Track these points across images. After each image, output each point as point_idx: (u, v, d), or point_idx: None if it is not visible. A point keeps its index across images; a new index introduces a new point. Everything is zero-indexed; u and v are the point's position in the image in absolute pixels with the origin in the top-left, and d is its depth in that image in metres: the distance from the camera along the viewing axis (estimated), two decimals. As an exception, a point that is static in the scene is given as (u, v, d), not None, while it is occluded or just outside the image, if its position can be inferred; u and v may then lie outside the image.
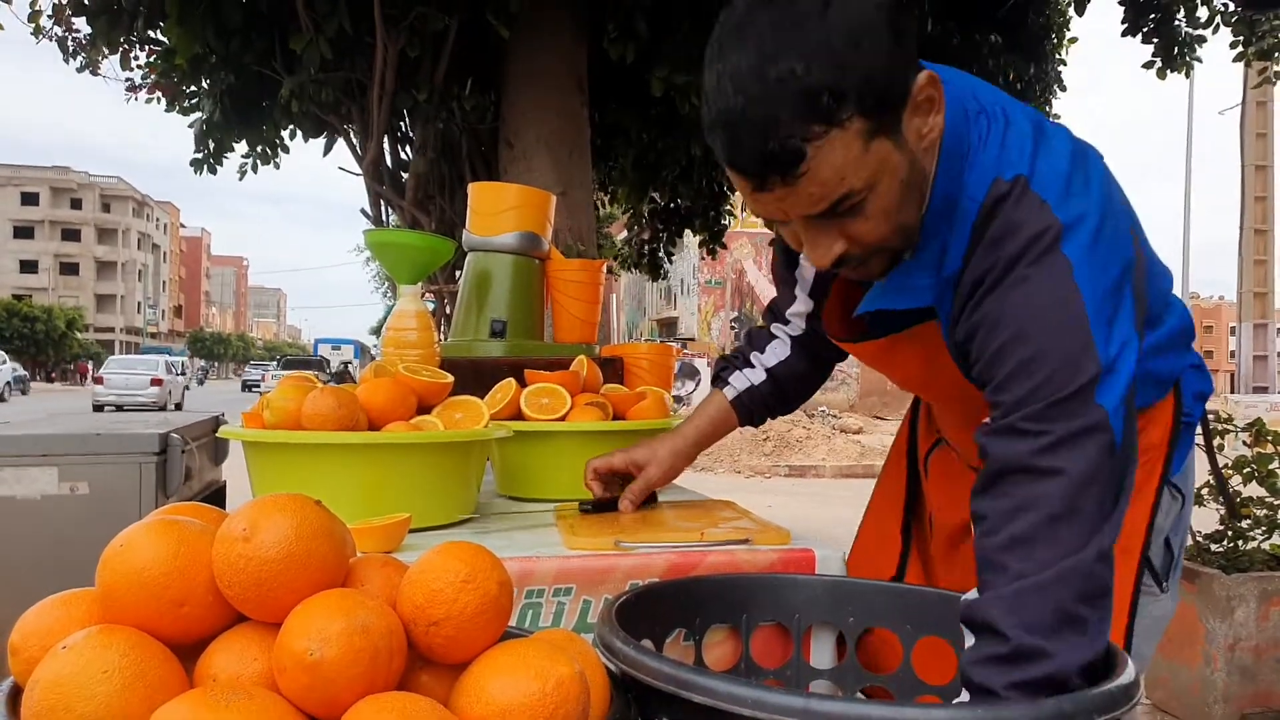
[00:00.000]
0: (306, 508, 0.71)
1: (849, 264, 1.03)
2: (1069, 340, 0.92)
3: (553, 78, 3.99)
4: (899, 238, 1.02)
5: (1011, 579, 0.88)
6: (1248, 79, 15.78)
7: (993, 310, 0.98)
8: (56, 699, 0.60)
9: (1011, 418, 0.93)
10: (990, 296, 0.98)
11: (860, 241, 1.00)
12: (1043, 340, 0.93)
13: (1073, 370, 0.91)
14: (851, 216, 0.97)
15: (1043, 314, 0.94)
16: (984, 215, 1.00)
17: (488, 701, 0.67)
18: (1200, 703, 3.01)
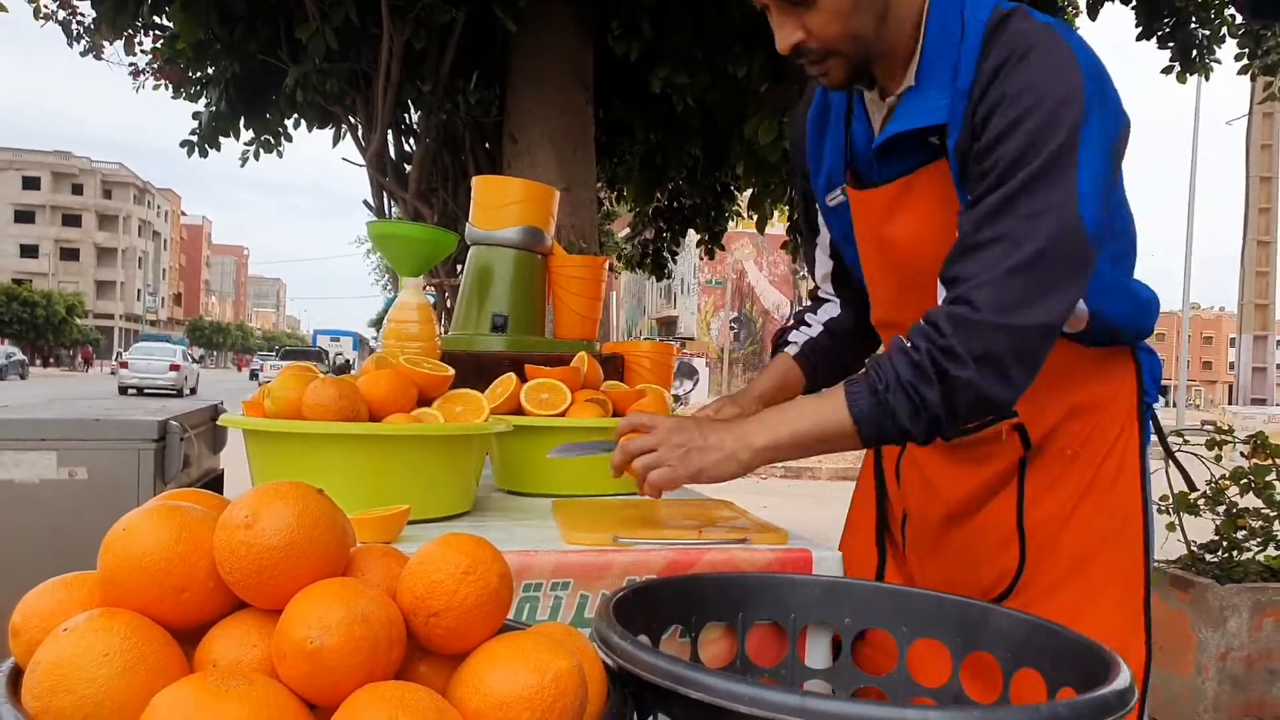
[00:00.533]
0: (308, 496, 0.71)
1: (807, 58, 1.15)
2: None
3: (558, 73, 4.00)
4: (851, 44, 1.13)
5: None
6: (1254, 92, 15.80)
7: (1008, 87, 1.06)
8: (57, 680, 0.61)
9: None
10: (1002, 77, 1.07)
11: (815, 35, 1.12)
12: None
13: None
14: (806, 7, 1.10)
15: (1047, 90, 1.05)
16: (991, 28, 1.10)
17: (486, 693, 0.67)
18: (1190, 711, 3.02)
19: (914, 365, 1.06)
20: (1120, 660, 0.87)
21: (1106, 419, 1.27)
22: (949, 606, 1.11)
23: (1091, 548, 1.25)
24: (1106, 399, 1.28)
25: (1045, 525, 1.28)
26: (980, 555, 1.33)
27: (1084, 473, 1.27)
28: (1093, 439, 1.27)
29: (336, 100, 4.06)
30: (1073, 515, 1.26)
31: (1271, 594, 3.01)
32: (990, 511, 1.32)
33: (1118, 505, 1.26)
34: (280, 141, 4.73)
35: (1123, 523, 1.25)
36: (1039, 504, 1.28)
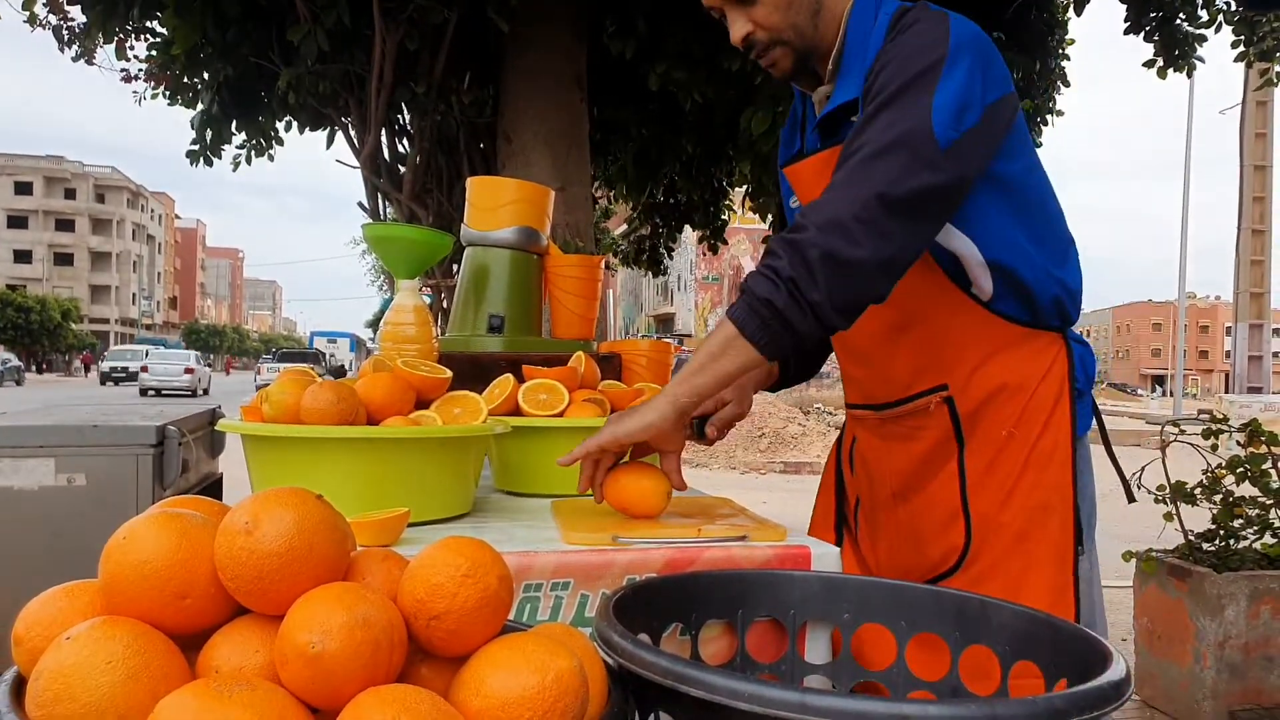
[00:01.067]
0: (308, 501, 0.72)
1: (757, 48, 1.33)
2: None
3: (552, 73, 3.99)
4: (793, 34, 1.31)
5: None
6: (1248, 79, 15.80)
7: (889, 51, 1.22)
8: (61, 688, 0.61)
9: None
10: (887, 45, 1.23)
11: (761, 25, 1.30)
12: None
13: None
14: (750, 4, 1.29)
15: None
16: (896, 18, 1.27)
17: (488, 695, 0.68)
18: (1189, 699, 3.03)
19: (767, 253, 1.18)
20: (1115, 651, 0.87)
21: (1036, 401, 1.34)
22: (947, 600, 1.12)
23: (1027, 526, 1.32)
24: (1035, 380, 1.34)
25: (987, 505, 1.34)
26: (927, 534, 1.40)
27: (1019, 453, 1.33)
28: (1025, 420, 1.33)
29: (329, 102, 4.06)
30: (1011, 494, 1.33)
31: (1268, 582, 3.02)
32: (933, 491, 1.39)
33: (1052, 485, 1.32)
34: (272, 144, 4.72)
35: (1057, 501, 1.32)
36: (981, 485, 1.35)
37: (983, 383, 1.34)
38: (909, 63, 1.18)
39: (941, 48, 1.18)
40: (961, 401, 1.35)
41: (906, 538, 1.44)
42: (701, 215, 6.22)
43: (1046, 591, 1.30)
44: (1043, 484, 1.33)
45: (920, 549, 1.42)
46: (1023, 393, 1.34)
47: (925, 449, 1.39)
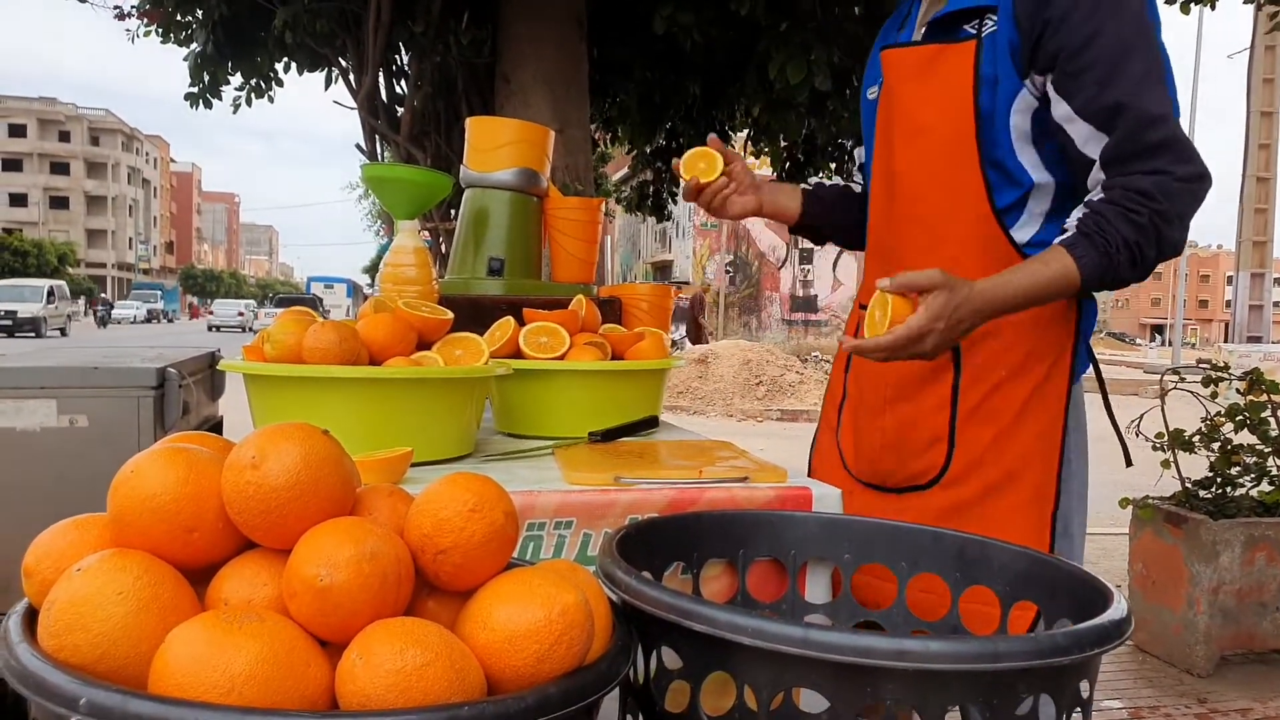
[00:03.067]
0: (314, 437, 0.71)
1: None
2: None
3: (551, 12, 3.91)
4: None
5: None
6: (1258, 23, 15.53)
7: (1083, 22, 1.25)
8: (74, 618, 0.61)
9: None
10: (1077, 10, 1.26)
11: None
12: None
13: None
14: None
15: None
16: None
17: (494, 628, 0.68)
18: (1182, 644, 3.08)
19: (1138, 228, 1.23)
20: (1115, 591, 0.88)
21: (1041, 347, 1.39)
22: (947, 541, 1.13)
23: (1017, 468, 1.38)
24: (1042, 326, 1.38)
25: (976, 439, 1.40)
26: (910, 448, 1.46)
27: (1015, 397, 1.39)
28: (1026, 365, 1.38)
29: (326, 42, 3.99)
30: (1004, 435, 1.39)
31: (1264, 529, 3.05)
32: (924, 409, 1.44)
33: (1044, 432, 1.38)
34: (271, 86, 4.64)
35: (1047, 450, 1.38)
36: (971, 418, 1.41)
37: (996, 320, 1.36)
38: (1130, 14, 1.26)
39: (1137, 4, 1.27)
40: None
41: (889, 445, 1.48)
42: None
43: (1023, 533, 1.35)
44: (1035, 431, 1.38)
45: (901, 459, 1.47)
46: (1027, 336, 1.37)
47: (925, 364, 1.40)
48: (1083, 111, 1.27)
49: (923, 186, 1.42)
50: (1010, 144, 1.35)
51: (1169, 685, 2.96)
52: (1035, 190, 1.36)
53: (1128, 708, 2.78)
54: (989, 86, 1.32)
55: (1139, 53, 1.25)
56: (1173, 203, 1.23)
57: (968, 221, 1.37)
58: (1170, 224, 1.24)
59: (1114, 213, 1.24)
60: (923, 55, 1.39)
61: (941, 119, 1.37)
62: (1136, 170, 1.25)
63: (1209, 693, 2.90)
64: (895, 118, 1.44)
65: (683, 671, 0.84)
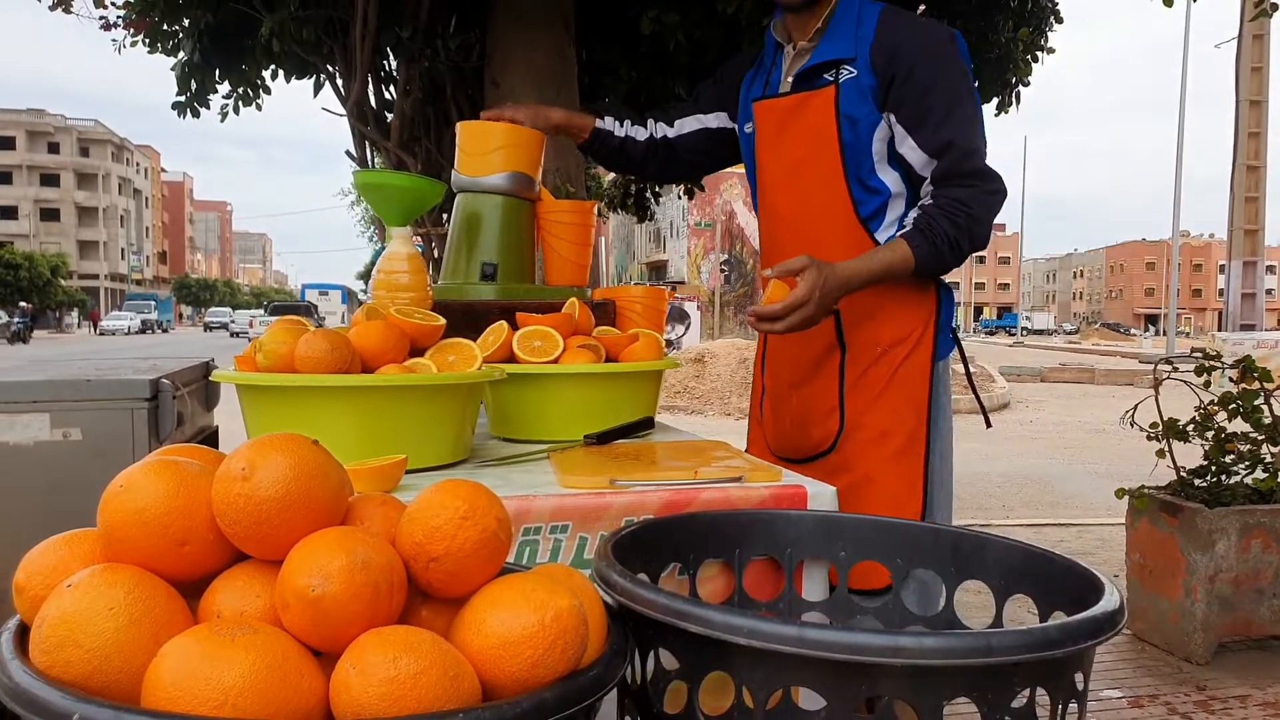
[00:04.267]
0: (304, 447, 0.71)
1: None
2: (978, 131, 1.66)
3: (539, 15, 3.91)
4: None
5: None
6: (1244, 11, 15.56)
7: (926, 75, 1.62)
8: (65, 634, 0.61)
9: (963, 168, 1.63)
10: (921, 66, 1.63)
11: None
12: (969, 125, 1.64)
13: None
14: None
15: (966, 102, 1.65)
16: (889, 14, 1.67)
17: (488, 634, 0.68)
18: (1179, 632, 3.08)
19: (957, 226, 1.59)
20: (1108, 583, 0.88)
21: (906, 328, 1.72)
22: (942, 537, 1.13)
23: (890, 426, 1.70)
24: (908, 311, 1.72)
25: (857, 405, 1.73)
26: (811, 420, 1.79)
27: (887, 369, 1.72)
28: (895, 342, 1.72)
29: (314, 49, 3.98)
30: (877, 400, 1.72)
31: (1259, 516, 3.06)
32: (819, 386, 1.77)
33: (911, 397, 1.71)
34: (259, 94, 4.63)
35: (914, 410, 1.71)
36: (855, 388, 1.74)
37: (864, 303, 1.69)
38: (956, 75, 1.65)
39: (966, 66, 1.67)
40: (845, 314, 1.73)
41: (796, 421, 1.82)
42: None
43: (900, 480, 1.68)
44: (903, 395, 1.71)
45: (806, 431, 1.79)
46: (896, 319, 1.72)
47: (816, 350, 1.77)
48: (922, 144, 1.63)
49: (799, 205, 1.76)
50: (872, 165, 1.69)
51: (1168, 674, 2.97)
52: (891, 200, 1.71)
53: (1127, 697, 2.79)
54: (849, 122, 1.66)
55: (965, 102, 1.64)
56: (981, 209, 1.60)
57: (838, 230, 1.71)
58: (978, 224, 1.61)
59: (939, 215, 1.60)
60: (791, 103, 1.73)
61: (812, 152, 1.71)
62: (956, 185, 1.61)
63: (1208, 680, 2.91)
64: (769, 153, 1.79)
65: (680, 672, 0.84)
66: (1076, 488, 6.53)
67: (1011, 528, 5.11)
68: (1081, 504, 5.93)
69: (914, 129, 1.63)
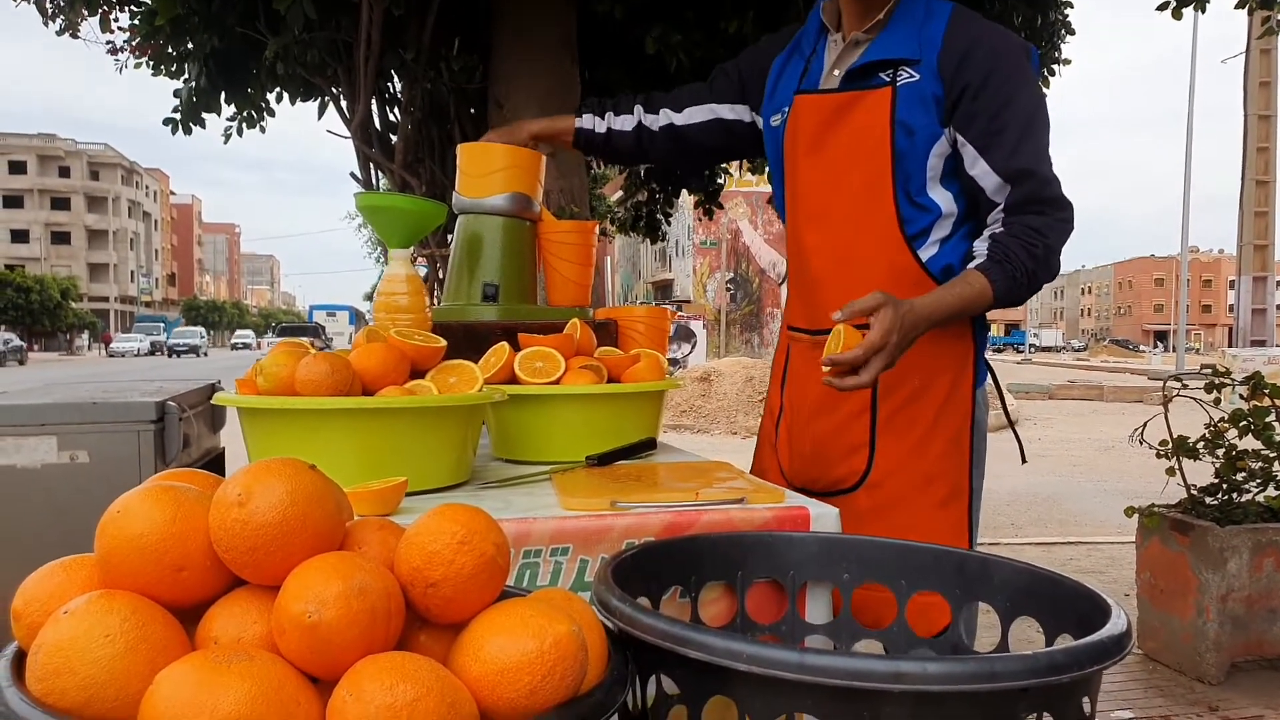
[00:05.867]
0: (301, 472, 0.71)
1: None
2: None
3: (542, 36, 3.93)
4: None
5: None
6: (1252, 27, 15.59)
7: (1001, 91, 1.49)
8: (61, 662, 0.61)
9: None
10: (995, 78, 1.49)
11: None
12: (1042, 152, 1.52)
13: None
14: None
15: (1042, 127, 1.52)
16: (960, 14, 1.53)
17: (486, 660, 0.68)
18: (1192, 652, 3.05)
19: (1034, 258, 1.48)
20: (1115, 605, 0.87)
21: (947, 360, 1.60)
22: (946, 559, 1.12)
23: (936, 472, 1.58)
24: (948, 341, 1.58)
25: (895, 444, 1.59)
26: (834, 455, 1.64)
27: (930, 406, 1.59)
28: (936, 375, 1.59)
29: (318, 71, 4.00)
30: (922, 442, 1.58)
31: (1271, 534, 3.04)
32: (846, 418, 1.62)
33: (956, 438, 1.59)
34: (263, 116, 4.65)
35: (960, 454, 1.59)
36: (890, 424, 1.59)
37: None
38: (1033, 93, 1.52)
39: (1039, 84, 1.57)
40: None
41: (817, 452, 1.67)
42: (698, 180, 6.14)
43: (946, 528, 1.57)
44: (948, 436, 1.59)
45: (827, 464, 1.65)
46: (936, 350, 1.56)
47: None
48: (996, 168, 1.50)
49: (838, 214, 1.61)
50: (924, 181, 1.55)
51: (1180, 694, 2.94)
52: (940, 219, 1.57)
53: (1139, 718, 2.76)
54: (904, 130, 1.52)
55: (1040, 124, 1.51)
56: (1056, 238, 1.49)
57: (879, 245, 1.57)
58: (1053, 254, 1.50)
59: (1017, 245, 1.48)
60: (839, 101, 1.58)
61: (858, 158, 1.56)
62: (1032, 214, 1.49)
63: (1220, 700, 2.88)
64: (808, 153, 1.62)
65: (681, 698, 0.84)
66: (1086, 505, 6.49)
67: (1021, 546, 5.08)
68: (1091, 522, 5.90)
69: (986, 150, 1.50)
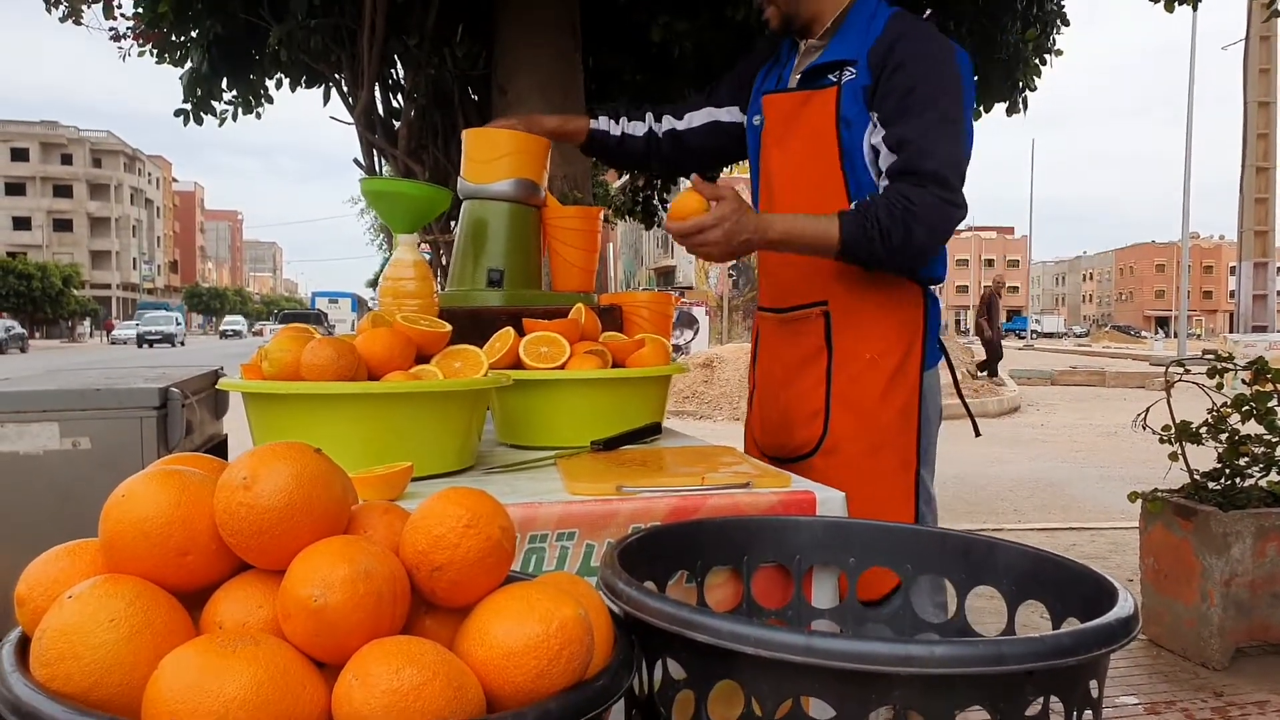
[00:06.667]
0: (306, 456, 0.71)
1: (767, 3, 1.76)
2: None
3: (545, 21, 3.91)
4: (785, 4, 1.74)
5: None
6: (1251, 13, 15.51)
7: (912, 76, 1.59)
8: (65, 647, 0.61)
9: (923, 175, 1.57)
10: (910, 65, 1.60)
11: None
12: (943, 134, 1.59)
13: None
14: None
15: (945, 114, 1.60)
16: (898, 18, 1.66)
17: (492, 644, 0.68)
18: (1196, 637, 3.05)
19: (892, 218, 1.54)
20: (1122, 588, 0.87)
21: (896, 335, 1.70)
22: (952, 542, 1.12)
23: (882, 441, 1.68)
24: (896, 318, 1.70)
25: (847, 414, 1.70)
26: (796, 421, 1.77)
27: (878, 381, 1.69)
28: (886, 350, 1.69)
29: (322, 58, 3.99)
30: (871, 413, 1.69)
31: (1274, 519, 3.03)
32: (806, 387, 1.76)
33: (904, 411, 1.69)
34: (260, 102, 4.63)
35: (906, 426, 1.69)
36: (842, 395, 1.71)
37: (854, 307, 1.70)
38: (943, 82, 1.61)
39: (957, 87, 1.61)
40: (836, 317, 1.72)
41: (782, 420, 1.81)
42: (696, 166, 6.11)
43: (893, 495, 1.67)
44: (896, 409, 1.68)
45: (790, 432, 1.78)
46: (886, 323, 1.70)
47: (805, 350, 1.76)
48: (887, 138, 1.60)
49: (796, 196, 1.75)
50: (865, 164, 1.67)
51: (1184, 679, 2.94)
52: None
53: (1143, 703, 2.76)
54: (846, 125, 1.66)
55: (944, 108, 1.59)
56: (926, 212, 1.54)
57: None
58: (918, 223, 1.54)
59: (880, 204, 1.55)
60: (796, 100, 1.74)
61: (813, 151, 1.71)
62: (908, 183, 1.56)
63: (1225, 686, 2.88)
64: (775, 148, 1.79)
65: (688, 682, 0.83)
66: (1089, 491, 6.49)
67: (1024, 532, 5.08)
68: (1094, 507, 5.90)
69: (886, 122, 1.60)
